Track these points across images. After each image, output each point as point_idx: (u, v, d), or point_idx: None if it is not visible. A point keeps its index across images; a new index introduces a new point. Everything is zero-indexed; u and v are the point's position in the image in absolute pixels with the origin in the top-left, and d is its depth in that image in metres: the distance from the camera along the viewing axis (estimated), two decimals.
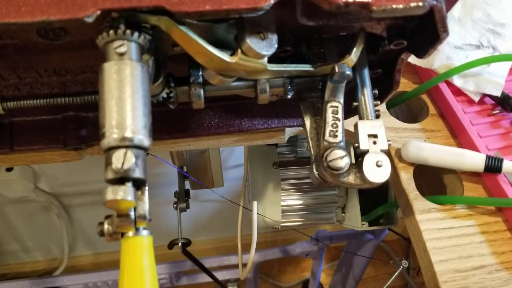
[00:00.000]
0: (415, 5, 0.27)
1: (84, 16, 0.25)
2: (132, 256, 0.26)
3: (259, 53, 0.29)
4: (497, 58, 0.49)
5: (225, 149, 1.00)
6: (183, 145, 0.46)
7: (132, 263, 0.26)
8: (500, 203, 0.44)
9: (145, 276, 0.26)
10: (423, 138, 0.49)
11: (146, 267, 0.26)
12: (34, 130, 0.42)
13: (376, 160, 0.32)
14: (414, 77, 0.55)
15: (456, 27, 0.54)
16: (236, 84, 0.34)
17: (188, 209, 0.75)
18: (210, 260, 0.96)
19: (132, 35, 0.26)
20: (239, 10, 0.26)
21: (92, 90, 0.36)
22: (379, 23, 0.33)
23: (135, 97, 0.25)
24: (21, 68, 0.33)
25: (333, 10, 0.27)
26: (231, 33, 0.30)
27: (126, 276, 0.26)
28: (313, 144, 0.35)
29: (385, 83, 0.38)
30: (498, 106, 0.50)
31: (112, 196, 0.24)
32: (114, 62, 0.25)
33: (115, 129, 0.24)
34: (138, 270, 0.26)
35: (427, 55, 0.32)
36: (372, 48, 0.35)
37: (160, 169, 1.02)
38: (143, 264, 0.26)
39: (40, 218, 1.15)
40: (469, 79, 0.51)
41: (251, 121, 0.43)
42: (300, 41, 0.35)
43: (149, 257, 0.26)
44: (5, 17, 0.24)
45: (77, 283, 0.97)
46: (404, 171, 0.46)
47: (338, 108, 0.34)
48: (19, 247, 1.23)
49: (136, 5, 0.26)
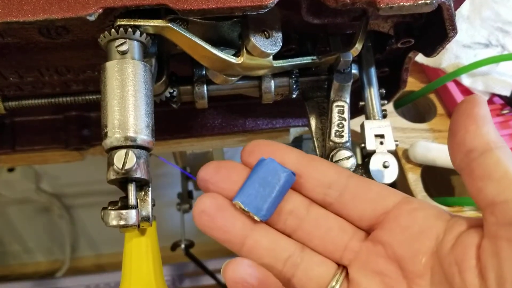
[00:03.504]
0: (423, 3, 0.27)
1: (86, 15, 0.25)
2: (136, 241, 0.26)
3: (264, 51, 0.29)
4: (506, 57, 0.49)
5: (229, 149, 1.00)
6: (186, 146, 0.46)
7: (136, 248, 0.26)
8: None
9: (149, 259, 0.26)
10: (431, 139, 0.49)
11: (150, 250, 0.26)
12: (36, 130, 0.42)
13: (383, 160, 0.32)
14: (422, 76, 0.55)
15: (464, 26, 0.54)
16: (240, 83, 0.34)
17: (191, 210, 0.75)
18: (214, 262, 0.96)
19: (134, 34, 0.25)
20: (244, 8, 0.26)
21: (94, 89, 0.36)
22: (386, 21, 0.32)
23: (137, 97, 0.25)
24: (23, 68, 0.33)
25: (339, 7, 0.27)
26: (235, 31, 0.30)
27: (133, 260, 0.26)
28: (319, 145, 0.35)
29: (392, 83, 0.38)
30: (507, 106, 0.50)
31: (115, 222, 0.24)
32: (116, 61, 0.25)
33: (117, 128, 0.24)
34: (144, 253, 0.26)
35: (435, 54, 0.31)
36: (379, 47, 0.35)
37: (163, 170, 1.02)
38: (147, 246, 0.26)
39: (42, 219, 1.15)
40: (477, 78, 0.50)
41: (255, 121, 0.43)
42: (305, 40, 0.34)
43: (153, 240, 0.26)
44: (7, 16, 0.24)
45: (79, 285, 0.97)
46: (412, 172, 0.46)
47: (344, 107, 0.34)
48: (21, 248, 1.23)
49: (139, 3, 0.25)
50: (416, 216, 0.22)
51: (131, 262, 0.27)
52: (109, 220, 0.24)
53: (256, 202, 0.23)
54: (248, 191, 0.23)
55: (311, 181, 0.24)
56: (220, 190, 0.24)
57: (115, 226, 0.24)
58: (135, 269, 0.27)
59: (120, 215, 0.24)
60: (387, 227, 0.23)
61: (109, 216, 0.24)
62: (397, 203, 0.23)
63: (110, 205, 0.25)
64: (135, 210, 0.24)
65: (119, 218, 0.24)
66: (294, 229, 0.24)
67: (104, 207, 0.25)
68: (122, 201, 0.25)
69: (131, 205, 0.24)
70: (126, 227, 0.25)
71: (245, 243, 0.23)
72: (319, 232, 0.24)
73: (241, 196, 0.23)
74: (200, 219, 0.23)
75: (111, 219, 0.24)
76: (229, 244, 0.23)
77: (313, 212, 0.24)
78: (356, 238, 0.24)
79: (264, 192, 0.23)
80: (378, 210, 0.23)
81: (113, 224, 0.24)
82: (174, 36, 0.27)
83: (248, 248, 0.23)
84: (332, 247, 0.24)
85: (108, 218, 0.24)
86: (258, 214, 0.23)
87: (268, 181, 0.23)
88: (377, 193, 0.23)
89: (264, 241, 0.23)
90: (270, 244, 0.23)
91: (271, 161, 0.23)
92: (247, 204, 0.23)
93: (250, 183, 0.23)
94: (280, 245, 0.23)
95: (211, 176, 0.24)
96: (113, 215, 0.24)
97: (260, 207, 0.22)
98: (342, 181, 0.24)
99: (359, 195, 0.23)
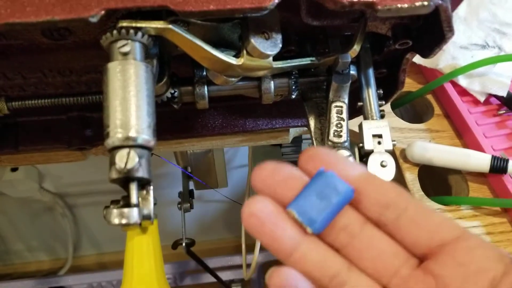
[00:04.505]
0: (421, 5, 0.27)
1: (89, 16, 0.25)
2: (138, 239, 0.26)
3: (263, 53, 0.29)
4: (503, 58, 0.49)
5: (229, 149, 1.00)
6: (187, 146, 0.46)
7: (138, 246, 0.26)
8: (506, 204, 0.43)
9: (151, 257, 0.26)
10: (428, 139, 0.49)
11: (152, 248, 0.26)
12: (39, 130, 0.42)
13: (380, 160, 0.32)
14: (419, 77, 0.55)
15: (461, 27, 0.54)
16: (240, 84, 0.34)
17: (192, 209, 0.75)
18: (214, 260, 0.96)
19: (136, 35, 0.26)
20: (244, 10, 0.26)
21: (97, 90, 0.36)
22: (384, 23, 0.33)
23: (139, 97, 0.25)
24: (26, 69, 0.33)
25: (338, 9, 0.27)
26: (235, 32, 0.30)
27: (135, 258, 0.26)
28: (318, 144, 0.35)
29: (390, 83, 0.38)
30: (504, 106, 0.50)
31: (118, 221, 0.24)
32: (118, 62, 0.25)
33: (119, 128, 0.24)
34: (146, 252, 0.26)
35: (433, 55, 0.32)
36: (377, 48, 0.35)
37: (164, 170, 1.02)
38: (149, 245, 0.26)
39: (45, 218, 1.15)
40: (474, 79, 0.50)
41: (255, 121, 0.43)
42: (304, 41, 0.35)
43: (154, 239, 0.27)
44: (10, 17, 0.25)
45: (82, 283, 0.97)
46: (409, 171, 0.46)
47: (342, 108, 0.34)
48: (24, 247, 1.24)
49: (140, 5, 0.25)
50: (475, 255, 0.21)
51: (133, 260, 0.27)
52: (111, 219, 0.24)
53: (310, 214, 0.22)
54: (304, 201, 0.22)
55: (369, 200, 0.23)
56: (274, 194, 0.23)
57: (117, 225, 0.24)
58: (137, 267, 0.27)
59: (122, 214, 0.24)
60: (442, 260, 0.22)
61: (111, 215, 0.24)
62: (456, 237, 0.22)
63: (112, 204, 0.26)
64: (137, 208, 0.25)
65: (121, 217, 0.24)
66: (344, 245, 0.23)
67: (107, 206, 0.25)
68: (124, 200, 0.25)
69: (133, 203, 0.25)
70: (128, 226, 0.25)
71: (293, 253, 0.22)
72: (370, 252, 0.23)
73: (296, 205, 0.22)
74: (249, 221, 0.22)
75: (113, 217, 0.24)
76: (276, 252, 0.22)
77: (367, 231, 0.23)
78: (408, 265, 0.23)
79: (321, 204, 0.22)
80: (435, 241, 0.22)
81: (115, 223, 0.24)
82: (175, 38, 0.28)
83: (295, 259, 0.22)
84: (382, 271, 0.23)
85: (110, 217, 0.24)
86: (311, 226, 0.22)
87: (326, 194, 0.22)
88: (437, 223, 0.22)
89: (313, 254, 0.22)
90: (319, 259, 0.22)
91: (331, 174, 0.22)
92: (302, 214, 0.22)
93: (307, 193, 0.22)
94: (328, 260, 0.22)
95: (267, 179, 0.23)
96: (115, 213, 0.24)
97: (314, 219, 0.22)
98: (402, 204, 0.23)
99: (417, 222, 0.22)
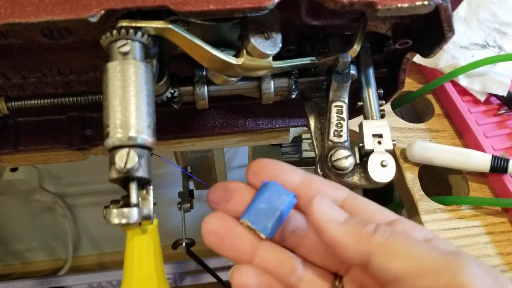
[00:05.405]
0: (421, 4, 0.27)
1: (89, 16, 0.25)
2: (138, 239, 0.26)
3: (263, 52, 0.29)
4: (503, 58, 0.49)
5: (229, 149, 1.00)
6: (187, 145, 0.46)
7: (138, 246, 0.26)
8: (506, 204, 0.43)
9: (151, 257, 0.26)
10: (428, 138, 0.49)
11: (152, 248, 0.26)
12: (39, 130, 0.42)
13: (381, 160, 0.32)
14: (420, 77, 0.55)
15: (462, 27, 0.54)
16: (240, 84, 0.34)
17: (192, 209, 0.75)
18: (214, 260, 0.96)
19: (135, 35, 0.26)
20: (243, 10, 0.26)
21: (97, 90, 0.36)
22: (384, 23, 0.33)
23: (139, 97, 0.25)
24: (26, 68, 0.33)
25: (338, 9, 0.27)
26: (235, 32, 0.30)
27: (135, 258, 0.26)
28: (318, 144, 0.35)
29: (390, 83, 0.38)
30: (504, 106, 0.50)
31: (117, 221, 0.24)
32: (118, 62, 0.25)
33: (119, 128, 0.24)
34: (146, 252, 0.26)
35: (433, 55, 0.32)
36: (377, 48, 0.35)
37: (164, 170, 1.02)
38: (149, 245, 0.26)
39: (45, 218, 1.15)
40: (475, 78, 0.51)
41: (255, 121, 0.43)
42: (304, 41, 0.35)
43: (154, 239, 0.27)
44: (9, 17, 0.24)
45: (82, 283, 0.97)
46: (409, 171, 0.46)
47: (342, 107, 0.34)
48: (24, 247, 1.24)
49: (140, 5, 0.25)
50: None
51: (133, 261, 0.27)
52: (111, 219, 0.24)
53: (262, 221, 0.24)
54: (254, 210, 0.25)
55: None
56: (227, 210, 0.25)
57: (117, 225, 0.24)
58: (136, 267, 0.27)
59: (122, 214, 0.24)
60: None
61: (111, 215, 0.24)
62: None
63: (112, 203, 0.26)
64: (137, 208, 0.25)
65: (121, 217, 0.24)
66: (295, 247, 0.26)
67: (106, 206, 0.25)
68: (124, 199, 0.25)
69: (133, 203, 0.25)
70: (128, 225, 0.25)
71: (254, 259, 0.25)
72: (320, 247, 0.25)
73: (248, 215, 0.25)
74: (209, 239, 0.25)
75: (113, 217, 0.24)
76: (238, 261, 0.25)
77: None
78: None
79: (269, 212, 0.24)
80: None
81: (115, 223, 0.24)
82: (175, 37, 0.28)
83: (257, 263, 0.25)
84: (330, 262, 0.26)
85: (110, 217, 0.24)
86: (264, 232, 0.24)
87: (273, 202, 0.25)
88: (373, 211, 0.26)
89: (271, 257, 0.25)
90: (277, 260, 0.25)
91: (275, 184, 0.25)
92: (254, 222, 0.24)
93: (256, 204, 0.25)
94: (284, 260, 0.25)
95: (219, 197, 0.26)
96: (115, 213, 0.24)
97: (266, 225, 0.24)
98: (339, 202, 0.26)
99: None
